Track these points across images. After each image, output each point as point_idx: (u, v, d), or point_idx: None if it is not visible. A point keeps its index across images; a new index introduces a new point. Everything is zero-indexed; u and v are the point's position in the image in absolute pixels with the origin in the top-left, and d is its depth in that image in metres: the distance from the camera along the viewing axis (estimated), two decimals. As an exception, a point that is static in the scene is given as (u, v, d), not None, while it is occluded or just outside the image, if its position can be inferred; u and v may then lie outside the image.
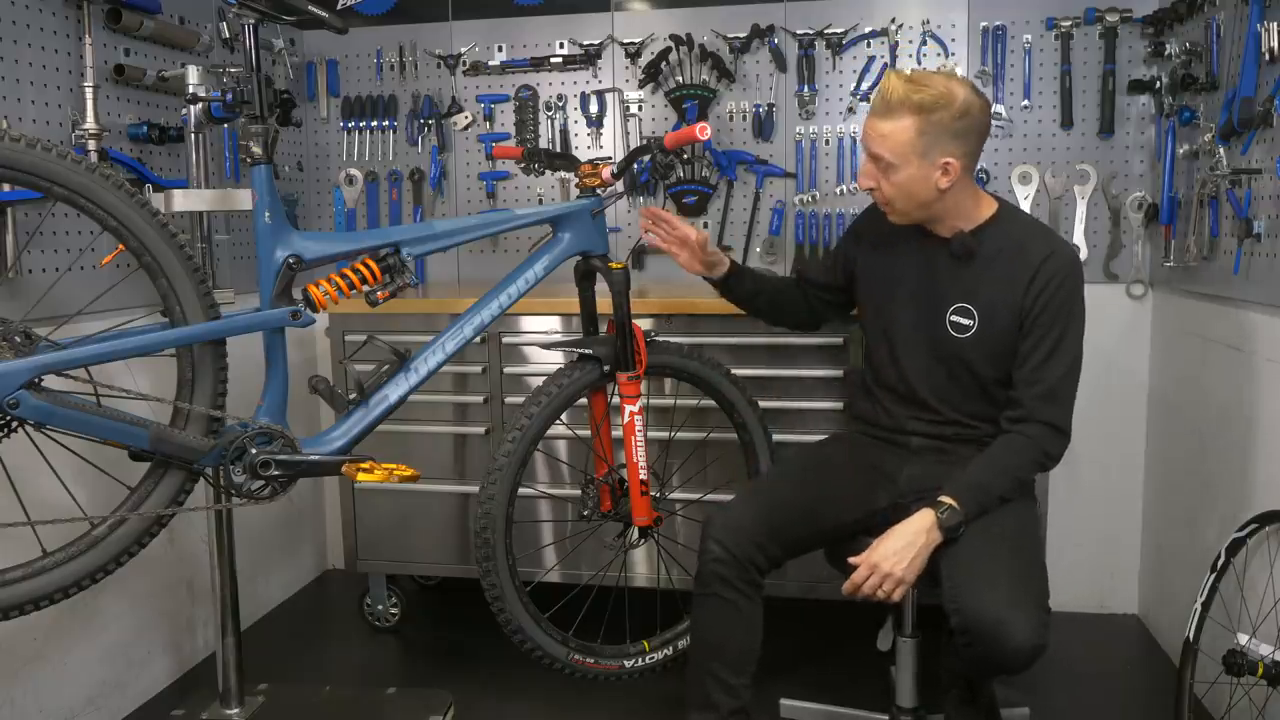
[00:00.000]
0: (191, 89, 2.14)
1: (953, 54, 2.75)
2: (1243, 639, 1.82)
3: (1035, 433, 1.84)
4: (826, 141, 2.85)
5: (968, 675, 2.06)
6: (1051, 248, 1.87)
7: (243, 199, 2.05)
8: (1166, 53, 2.52)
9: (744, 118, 2.88)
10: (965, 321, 1.90)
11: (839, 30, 2.80)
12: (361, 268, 1.84)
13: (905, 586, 1.74)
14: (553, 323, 2.53)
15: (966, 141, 1.80)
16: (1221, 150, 2.17)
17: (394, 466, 1.85)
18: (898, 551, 1.74)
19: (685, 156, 2.90)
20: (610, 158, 2.86)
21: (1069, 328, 1.84)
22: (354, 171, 3.08)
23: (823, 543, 1.98)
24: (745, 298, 2.17)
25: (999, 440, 1.87)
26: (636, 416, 2.10)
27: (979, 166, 2.76)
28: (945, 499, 1.77)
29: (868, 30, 2.79)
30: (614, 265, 2.08)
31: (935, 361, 1.94)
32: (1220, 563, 1.96)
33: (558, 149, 2.96)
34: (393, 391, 1.90)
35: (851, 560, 1.78)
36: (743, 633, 1.87)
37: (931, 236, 1.94)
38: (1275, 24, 1.94)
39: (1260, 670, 1.76)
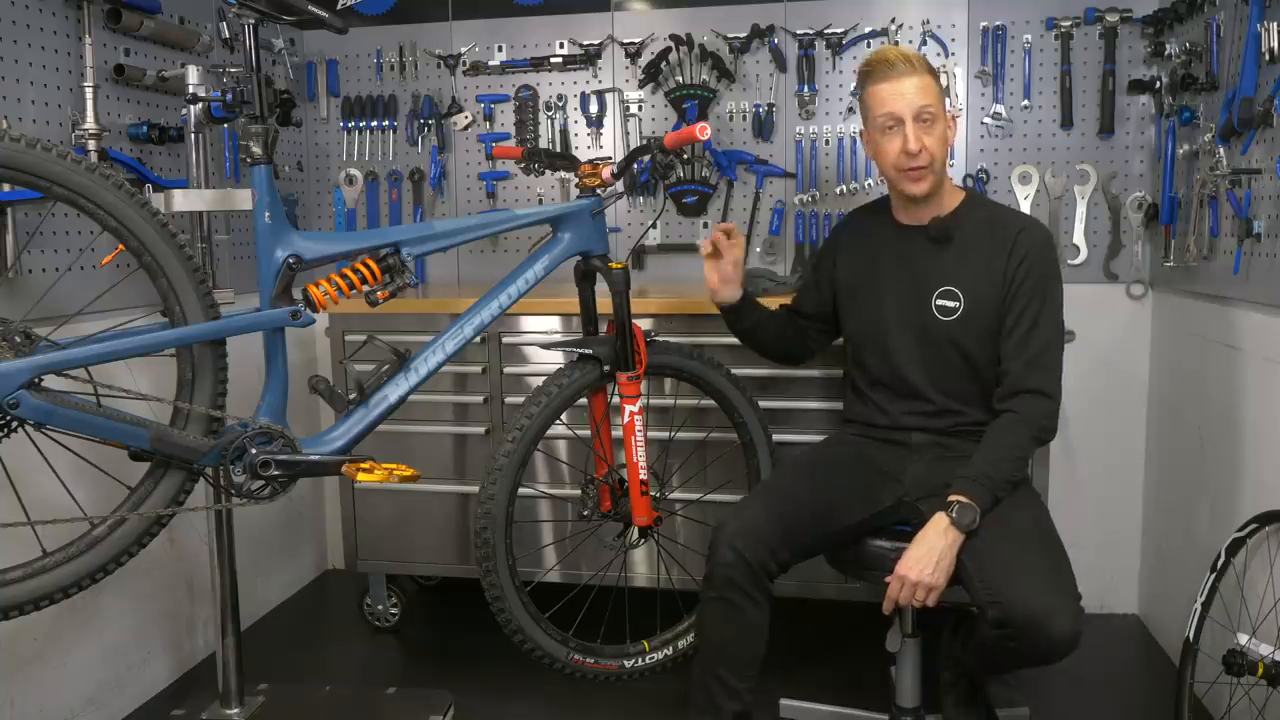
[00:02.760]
0: (191, 89, 2.14)
1: (953, 54, 2.75)
2: (1243, 639, 1.82)
3: (1025, 405, 1.87)
4: (826, 141, 2.85)
5: (987, 670, 2.05)
6: (1023, 222, 1.98)
7: (243, 199, 2.05)
8: (1166, 53, 2.52)
9: (744, 118, 2.88)
10: (951, 304, 1.93)
11: (839, 30, 2.80)
12: (361, 268, 1.84)
13: (937, 591, 1.76)
14: (553, 323, 2.53)
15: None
16: (1221, 150, 2.17)
17: (394, 466, 1.85)
18: (920, 558, 1.75)
19: (685, 156, 2.90)
20: (610, 158, 2.85)
21: (1048, 297, 1.91)
22: (354, 171, 3.08)
23: (830, 545, 1.98)
24: (750, 326, 2.18)
25: (992, 426, 1.89)
26: (636, 416, 2.10)
27: (979, 166, 2.77)
28: (954, 497, 1.78)
29: (868, 30, 2.79)
30: (614, 265, 2.08)
31: (926, 347, 1.96)
32: (1220, 563, 1.96)
33: (558, 149, 2.96)
34: (393, 391, 1.90)
35: (887, 580, 1.81)
36: (750, 637, 1.87)
37: (906, 227, 2.00)
38: (1275, 24, 1.94)
39: (1260, 670, 1.76)
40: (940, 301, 1.94)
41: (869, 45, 2.79)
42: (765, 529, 1.84)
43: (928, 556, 1.75)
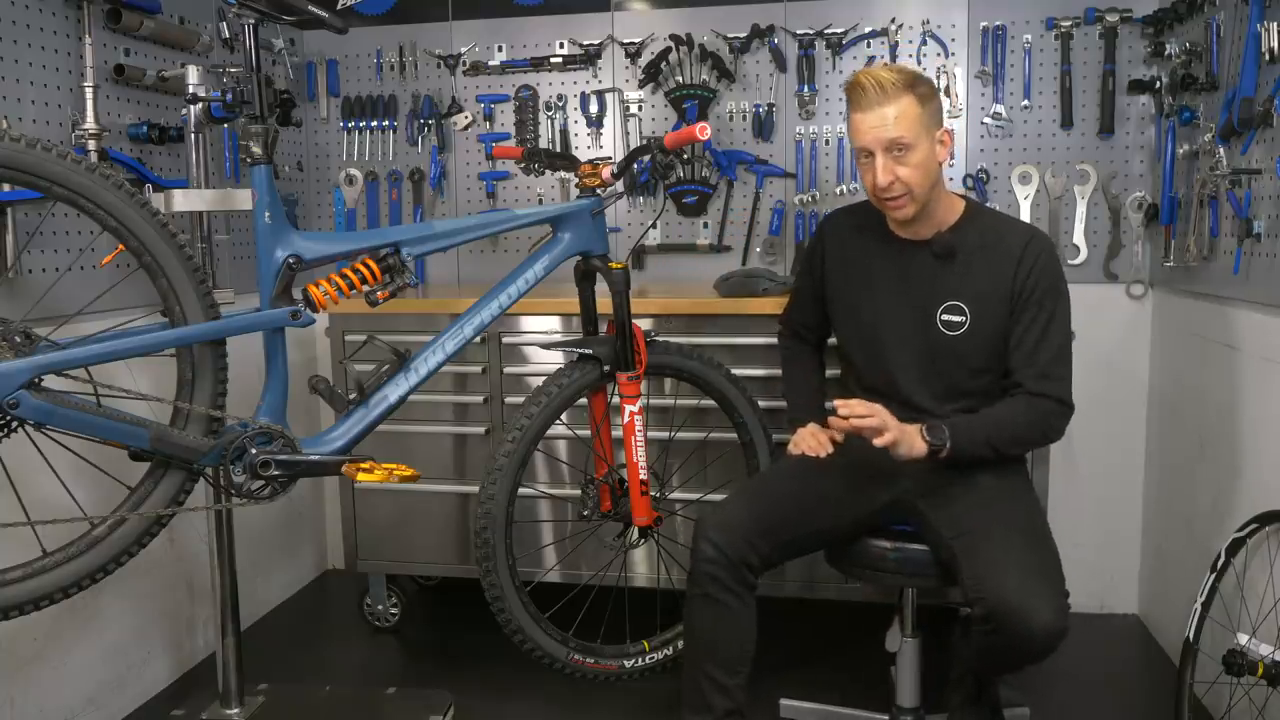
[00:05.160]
0: (191, 89, 2.14)
1: (953, 54, 2.75)
2: (1243, 639, 1.82)
3: (1038, 405, 1.88)
4: (826, 141, 2.85)
5: (984, 670, 2.04)
6: (1029, 233, 1.95)
7: (243, 199, 2.05)
8: (1166, 53, 2.52)
9: (744, 118, 2.88)
10: (957, 319, 1.92)
11: (839, 30, 2.80)
12: (361, 268, 1.84)
13: (879, 438, 1.77)
14: (553, 323, 2.53)
15: (941, 115, 1.91)
16: (1221, 150, 2.17)
17: (394, 466, 1.85)
18: (899, 429, 1.79)
19: (685, 156, 2.90)
20: (610, 158, 2.86)
21: (1057, 306, 1.89)
22: (354, 171, 3.08)
23: (821, 544, 1.98)
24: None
25: (1006, 400, 1.90)
26: (636, 416, 2.10)
27: (979, 166, 2.77)
28: (938, 422, 1.82)
29: (868, 30, 2.79)
30: (614, 265, 2.08)
31: (928, 362, 1.95)
32: (1220, 563, 1.96)
33: (558, 149, 2.96)
34: (393, 391, 1.90)
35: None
36: (736, 633, 1.87)
37: (906, 241, 1.97)
38: (1275, 24, 1.94)
39: (1260, 670, 1.76)
40: (946, 317, 1.92)
41: (869, 45, 2.79)
42: (744, 524, 1.85)
43: (901, 437, 1.78)
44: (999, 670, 2.03)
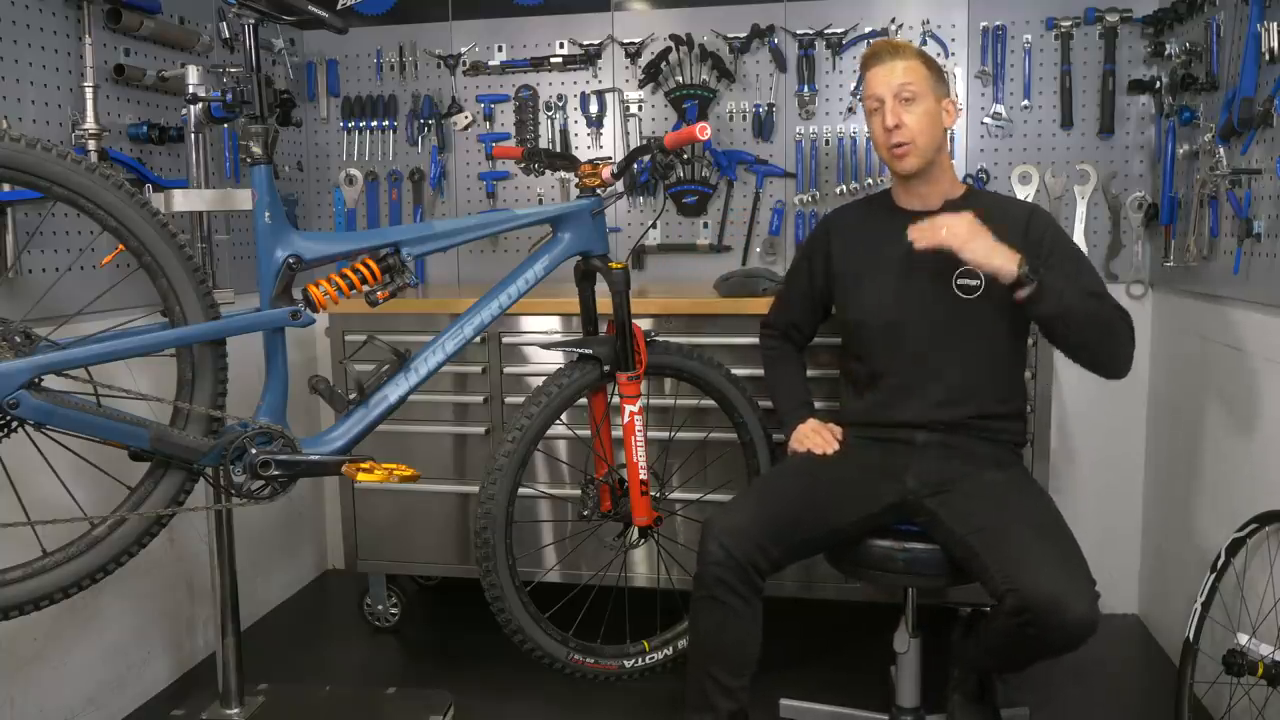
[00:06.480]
0: (191, 89, 2.14)
1: (953, 54, 2.75)
2: (1243, 639, 1.82)
3: (1116, 316, 1.92)
4: (826, 141, 2.85)
5: (1002, 664, 2.04)
6: (1029, 209, 2.06)
7: (243, 199, 2.05)
8: (1166, 53, 2.52)
9: (744, 118, 2.88)
10: (973, 282, 1.95)
11: (839, 30, 2.80)
12: (361, 268, 1.84)
13: (950, 245, 1.80)
14: (553, 323, 2.53)
15: (947, 89, 2.03)
16: (1221, 150, 2.17)
17: (394, 466, 1.85)
18: (976, 229, 1.81)
19: (685, 156, 2.90)
20: (610, 158, 2.86)
21: (1081, 264, 1.99)
22: (354, 171, 3.08)
23: (830, 544, 1.97)
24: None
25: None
26: (636, 416, 2.10)
27: (979, 166, 2.77)
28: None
29: (868, 30, 2.79)
30: (614, 265, 2.09)
31: (947, 329, 1.97)
32: (1220, 563, 1.96)
33: (558, 149, 2.96)
34: (393, 391, 1.90)
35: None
36: (742, 636, 1.87)
37: (915, 213, 2.00)
38: (1275, 24, 1.94)
39: (1260, 670, 1.76)
40: (961, 280, 1.95)
41: (869, 45, 2.78)
42: (753, 526, 1.84)
43: (980, 235, 1.80)
44: (1018, 665, 2.02)
